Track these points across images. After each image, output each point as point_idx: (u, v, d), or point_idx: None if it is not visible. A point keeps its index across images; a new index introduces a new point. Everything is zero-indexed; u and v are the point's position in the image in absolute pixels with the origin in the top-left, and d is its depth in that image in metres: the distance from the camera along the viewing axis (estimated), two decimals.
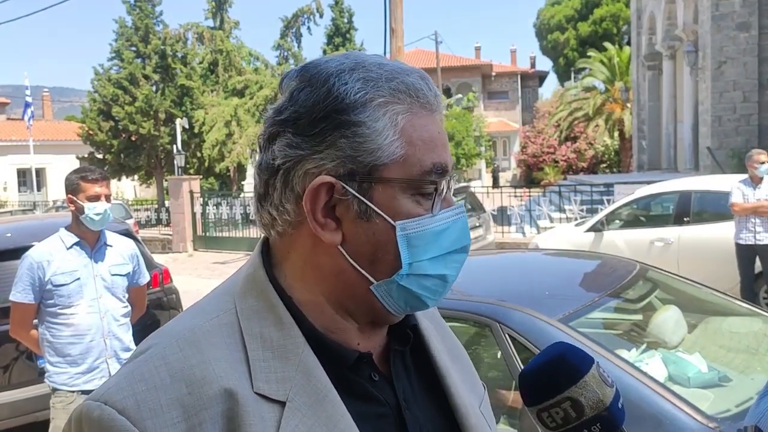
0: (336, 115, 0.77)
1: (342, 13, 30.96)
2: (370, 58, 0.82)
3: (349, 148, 0.77)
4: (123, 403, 0.71)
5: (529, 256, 4.73)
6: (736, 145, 14.32)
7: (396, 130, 0.78)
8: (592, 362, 0.79)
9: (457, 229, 0.82)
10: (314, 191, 0.77)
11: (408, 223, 0.78)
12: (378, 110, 0.77)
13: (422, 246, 0.79)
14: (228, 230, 16.73)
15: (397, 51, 11.37)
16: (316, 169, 0.77)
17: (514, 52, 47.46)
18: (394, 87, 0.79)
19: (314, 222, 0.78)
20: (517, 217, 14.10)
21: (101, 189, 3.11)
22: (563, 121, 30.62)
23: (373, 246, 0.78)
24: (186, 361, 0.74)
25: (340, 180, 0.77)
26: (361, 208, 0.78)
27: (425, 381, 0.90)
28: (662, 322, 3.09)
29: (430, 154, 0.79)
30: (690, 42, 16.11)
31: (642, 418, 2.22)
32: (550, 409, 0.78)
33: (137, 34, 24.43)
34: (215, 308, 0.81)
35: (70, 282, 3.09)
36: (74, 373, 3.10)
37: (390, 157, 0.77)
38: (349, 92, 0.77)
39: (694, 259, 7.38)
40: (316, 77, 0.79)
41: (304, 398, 0.75)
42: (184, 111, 23.91)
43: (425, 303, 0.82)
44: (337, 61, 0.81)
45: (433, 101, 0.82)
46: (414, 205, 0.78)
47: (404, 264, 0.78)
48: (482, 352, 2.98)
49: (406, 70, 0.81)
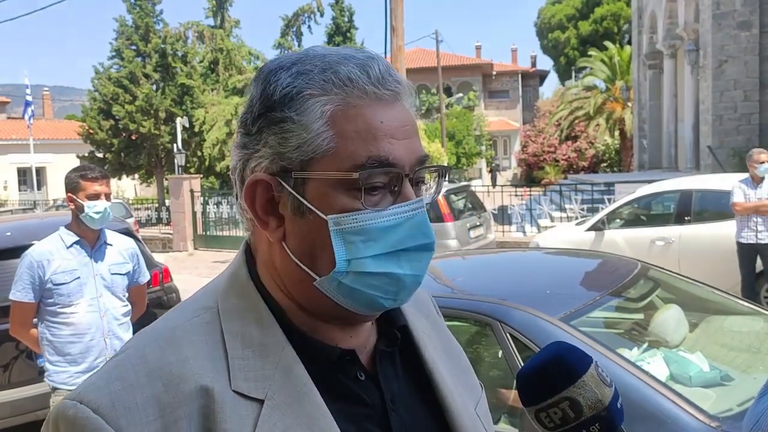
0: (267, 112, 0.77)
1: (342, 11, 30.96)
2: (320, 50, 0.80)
3: (279, 145, 0.76)
4: (97, 402, 0.71)
5: (530, 255, 4.73)
6: (737, 144, 14.31)
7: (323, 122, 0.75)
8: (591, 362, 0.78)
9: (410, 227, 0.77)
10: (249, 188, 0.78)
11: (342, 218, 0.75)
12: (305, 103, 0.76)
13: (362, 242, 0.75)
14: (228, 229, 16.73)
15: (397, 50, 11.36)
16: (258, 168, 0.78)
17: (514, 51, 47.50)
18: (325, 78, 0.76)
19: (257, 219, 0.79)
20: (517, 216, 14.10)
21: (101, 187, 3.11)
22: (564, 120, 30.60)
23: (310, 242, 0.77)
24: (163, 359, 0.74)
25: (274, 176, 0.77)
26: (295, 204, 0.77)
27: (415, 382, 0.88)
28: (663, 321, 3.09)
29: (365, 147, 0.75)
30: (691, 41, 16.10)
31: (643, 417, 2.21)
32: (548, 410, 0.77)
33: (137, 33, 24.42)
34: (197, 307, 0.81)
35: (70, 281, 3.08)
36: (74, 372, 3.10)
37: (316, 150, 0.75)
38: (278, 88, 0.76)
39: (695, 258, 7.37)
40: (258, 76, 0.80)
41: (283, 396, 0.75)
42: (184, 110, 23.90)
43: (379, 302, 0.78)
44: (283, 58, 0.80)
45: (372, 89, 0.76)
46: (350, 200, 0.75)
47: (339, 260, 0.75)
48: (483, 351, 2.97)
49: (347, 58, 0.78)
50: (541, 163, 33.99)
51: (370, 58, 0.79)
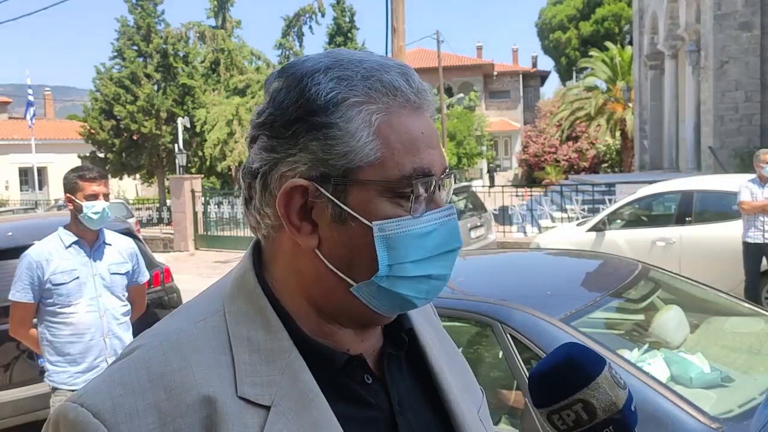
0: (308, 117, 0.75)
1: (344, 12, 30.97)
2: (351, 56, 0.79)
3: (321, 151, 0.75)
4: (99, 406, 0.70)
5: (531, 256, 4.72)
6: (738, 144, 14.30)
7: (371, 131, 0.75)
8: (604, 363, 0.78)
9: (444, 232, 0.79)
10: (286, 194, 0.76)
11: (386, 224, 0.75)
12: (351, 111, 0.75)
13: (404, 248, 0.76)
14: (229, 229, 16.75)
15: (398, 50, 11.35)
16: (291, 172, 0.76)
17: (515, 52, 47.47)
18: (369, 86, 0.75)
19: (289, 225, 0.77)
20: (518, 216, 14.09)
21: (99, 188, 3.11)
22: (565, 120, 30.59)
23: (350, 249, 0.76)
24: (167, 366, 0.73)
25: (313, 182, 0.75)
26: (335, 211, 0.76)
27: (421, 386, 0.88)
28: (664, 322, 3.08)
29: (410, 158, 0.76)
30: (692, 41, 16.09)
31: (644, 418, 2.20)
32: (560, 411, 0.76)
33: (139, 33, 24.42)
34: (204, 310, 0.80)
35: (69, 281, 3.08)
36: (74, 372, 3.10)
37: (364, 159, 0.74)
38: (321, 92, 0.75)
39: (696, 259, 7.37)
40: (291, 78, 0.77)
41: (289, 402, 0.74)
42: (185, 110, 23.90)
43: (413, 303, 0.80)
44: (313, 60, 0.78)
45: (414, 98, 0.78)
46: (393, 207, 0.76)
47: (382, 266, 0.75)
48: (484, 351, 2.97)
49: (386, 66, 0.78)
50: (542, 164, 33.98)
51: (407, 67, 0.80)
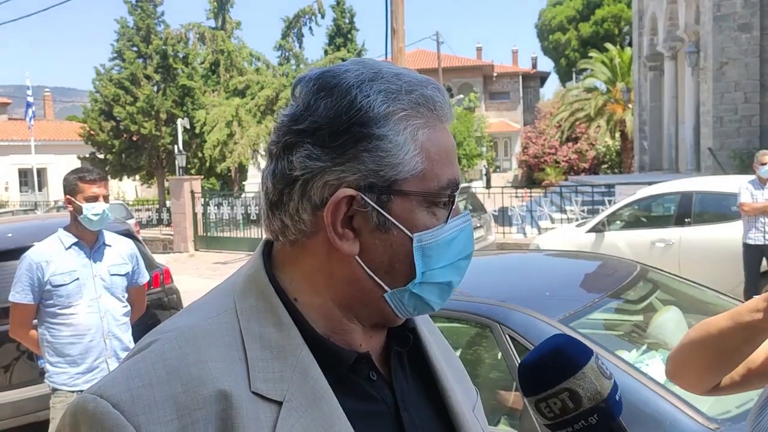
0: (358, 128, 0.76)
1: (343, 13, 30.97)
2: (386, 67, 0.81)
3: (372, 162, 0.77)
4: (118, 398, 0.71)
5: (530, 257, 4.73)
6: (737, 146, 14.32)
7: (417, 145, 0.78)
8: (591, 354, 0.80)
9: (464, 237, 0.84)
10: (336, 204, 0.77)
11: (424, 234, 0.79)
12: (399, 124, 0.78)
13: (435, 255, 0.80)
14: (229, 230, 16.75)
15: (398, 51, 11.36)
16: (337, 181, 0.77)
17: (515, 53, 47.53)
18: (414, 100, 0.79)
19: (333, 233, 0.78)
20: (518, 217, 14.10)
21: (99, 189, 3.11)
22: (565, 121, 30.61)
23: (390, 257, 0.79)
24: (183, 359, 0.74)
25: (360, 192, 0.77)
26: (379, 220, 0.78)
27: (422, 383, 0.91)
28: (663, 323, 3.09)
29: (446, 169, 0.81)
30: (691, 43, 16.11)
31: (642, 419, 2.21)
32: (547, 400, 0.79)
33: (139, 35, 24.43)
34: (216, 307, 0.81)
35: (69, 282, 3.09)
36: (74, 373, 3.10)
37: (410, 171, 0.78)
38: (372, 105, 0.77)
39: (695, 260, 7.38)
40: (337, 87, 0.78)
41: (300, 398, 0.75)
42: (185, 111, 23.90)
43: (432, 307, 0.84)
44: (356, 71, 0.79)
45: (448, 113, 0.83)
46: (429, 217, 0.80)
47: (419, 273, 0.80)
48: (483, 352, 2.98)
49: (423, 81, 0.81)
50: (542, 165, 34.00)
51: (437, 82, 0.84)
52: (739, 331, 1.19)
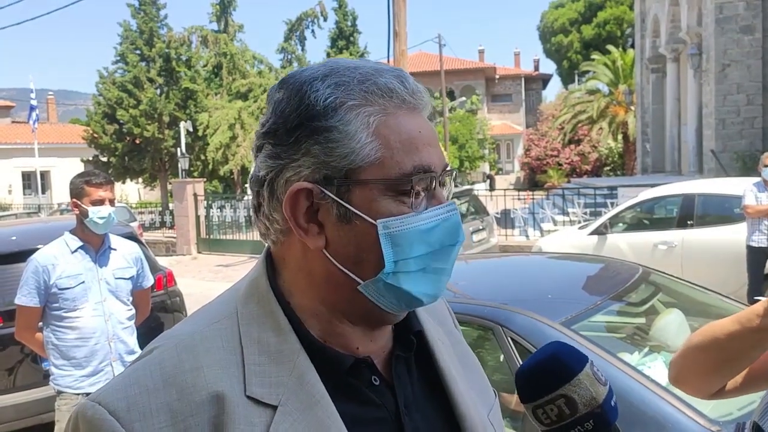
0: (308, 122, 0.78)
1: (346, 16, 31.02)
2: (347, 63, 0.82)
3: (323, 154, 0.77)
4: (114, 405, 0.73)
5: (532, 260, 4.74)
6: (740, 147, 14.30)
7: (369, 132, 0.78)
8: (586, 361, 0.81)
9: (447, 227, 0.81)
10: (292, 198, 0.79)
11: (390, 221, 0.78)
12: (349, 113, 0.78)
13: (408, 244, 0.78)
14: (232, 233, 16.77)
15: (400, 54, 11.38)
16: (296, 177, 0.79)
17: (517, 55, 47.52)
18: (366, 89, 0.79)
19: (297, 228, 0.79)
20: (520, 220, 14.10)
21: (105, 193, 3.13)
22: (567, 123, 30.61)
23: (356, 247, 0.79)
24: (180, 366, 0.76)
25: (317, 185, 0.78)
26: (340, 211, 0.78)
27: (430, 388, 0.90)
28: (665, 326, 3.09)
29: (410, 156, 0.79)
30: (694, 45, 16.10)
31: (644, 421, 2.22)
32: (544, 406, 0.80)
33: (142, 38, 24.50)
34: (218, 313, 0.83)
35: (75, 285, 3.11)
36: (79, 376, 3.12)
37: (364, 159, 0.77)
38: (320, 98, 0.78)
39: (697, 263, 7.36)
40: (291, 86, 0.80)
41: (296, 403, 0.76)
42: (188, 114, 23.95)
43: (419, 300, 0.82)
44: (312, 70, 0.81)
45: (410, 99, 0.81)
46: (396, 205, 0.78)
47: (388, 262, 0.78)
48: (485, 355, 2.98)
49: (381, 70, 0.81)
50: (544, 167, 33.97)
51: (401, 71, 0.83)
52: (747, 334, 1.18)
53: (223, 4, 28.47)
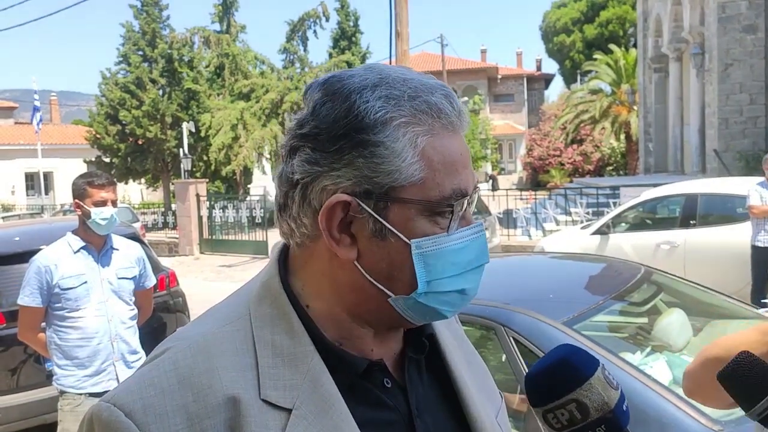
0: (355, 134, 0.76)
1: (348, 16, 30.99)
2: (395, 72, 0.80)
3: (367, 168, 0.76)
4: (131, 406, 0.73)
5: (534, 259, 4.74)
6: (743, 147, 14.28)
7: (416, 152, 0.76)
8: (598, 365, 0.80)
9: (475, 248, 0.82)
10: (330, 209, 0.77)
11: (423, 241, 0.77)
12: (398, 131, 0.76)
13: (440, 264, 0.78)
14: (234, 233, 16.78)
15: (402, 54, 11.38)
16: (333, 186, 0.77)
17: (519, 55, 47.47)
18: (416, 106, 0.77)
19: (329, 238, 0.78)
20: (522, 220, 14.09)
21: (108, 194, 3.14)
22: (569, 123, 30.57)
23: (389, 264, 0.78)
24: (195, 368, 0.76)
25: (356, 198, 0.77)
26: (376, 227, 0.77)
27: (441, 390, 0.90)
28: (667, 326, 3.09)
29: (450, 179, 0.78)
30: (696, 44, 16.08)
31: (646, 421, 2.22)
32: (555, 411, 0.79)
33: (144, 39, 24.51)
34: (231, 314, 0.82)
35: (78, 286, 3.11)
36: (82, 376, 3.12)
37: (408, 179, 0.76)
38: (370, 111, 0.76)
39: (700, 262, 7.35)
40: (338, 92, 0.78)
41: (310, 407, 0.76)
42: (190, 115, 23.96)
43: (443, 315, 0.82)
44: (360, 76, 0.79)
45: (456, 121, 0.80)
46: (431, 225, 0.78)
47: (421, 282, 0.78)
48: (487, 355, 2.98)
49: (431, 87, 0.80)
50: (547, 167, 33.95)
51: (449, 89, 0.82)
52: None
53: (226, 4, 28.48)
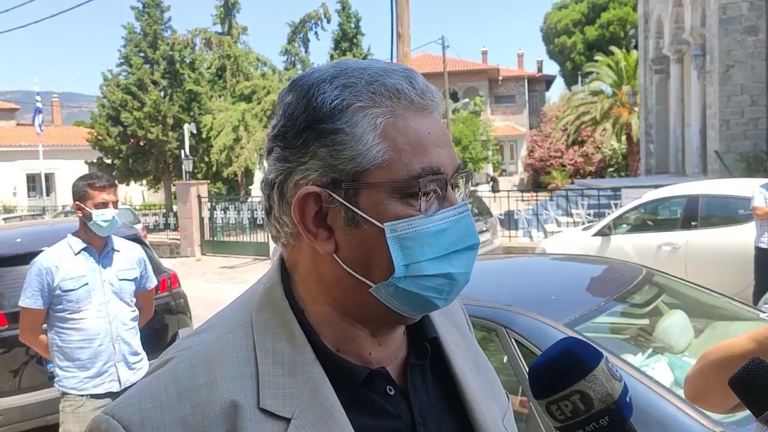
0: (315, 125, 0.77)
1: (349, 18, 31.03)
2: (356, 64, 0.80)
3: (330, 157, 0.76)
4: (129, 419, 0.73)
5: (536, 261, 4.74)
6: (744, 148, 14.28)
7: (376, 135, 0.76)
8: (601, 357, 0.80)
9: (459, 229, 0.79)
10: (300, 202, 0.78)
11: (398, 224, 0.76)
12: (356, 115, 0.76)
13: (419, 247, 0.77)
14: (235, 235, 16.80)
15: (403, 56, 11.39)
16: (304, 180, 0.78)
17: (521, 56, 47.47)
18: (373, 90, 0.77)
19: (306, 232, 0.78)
20: (524, 221, 14.09)
21: (109, 196, 3.14)
22: (570, 125, 30.57)
23: (366, 251, 0.77)
24: (195, 380, 0.76)
25: (325, 188, 0.77)
26: (348, 215, 0.77)
27: (445, 395, 0.89)
28: (668, 327, 3.09)
29: (419, 158, 0.77)
30: (697, 46, 16.08)
31: (648, 422, 2.22)
32: (559, 402, 0.79)
33: (146, 40, 24.55)
34: (233, 322, 0.82)
35: (79, 287, 3.12)
36: (83, 377, 3.13)
37: (372, 162, 0.76)
38: (327, 100, 0.76)
39: (701, 264, 7.35)
40: (299, 89, 0.79)
41: (309, 416, 0.76)
42: (192, 116, 23.98)
43: (433, 303, 0.80)
44: (321, 71, 0.80)
45: (419, 100, 0.79)
46: (404, 207, 0.76)
47: (398, 266, 0.76)
48: (489, 356, 2.96)
49: (390, 70, 0.79)
50: (548, 168, 33.94)
51: (411, 71, 0.81)
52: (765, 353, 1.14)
53: (227, 6, 28.52)
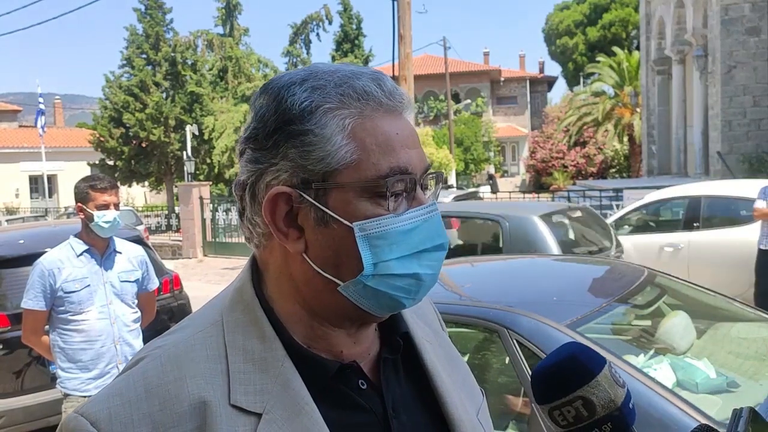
0: (285, 126, 0.78)
1: (351, 19, 31.05)
2: (326, 67, 0.82)
3: (300, 157, 0.78)
4: (96, 416, 0.74)
5: (538, 262, 4.73)
6: (746, 149, 14.26)
7: (345, 135, 0.78)
8: (604, 362, 0.80)
9: (428, 228, 0.81)
10: (270, 202, 0.79)
11: (366, 223, 0.77)
12: (324, 117, 0.78)
13: (387, 246, 0.78)
14: (237, 236, 16.78)
15: (405, 57, 11.40)
16: (275, 181, 0.79)
17: (522, 57, 47.47)
18: (342, 92, 0.79)
19: (277, 232, 0.80)
20: None
21: (110, 198, 3.15)
22: (572, 126, 30.56)
23: (335, 250, 0.79)
24: (164, 377, 0.77)
25: (295, 189, 0.78)
26: (318, 215, 0.78)
27: (418, 389, 0.90)
28: (671, 328, 3.09)
29: (387, 158, 0.78)
30: (699, 46, 16.07)
31: (650, 423, 2.22)
32: (561, 408, 0.79)
33: (148, 42, 24.61)
34: (204, 321, 0.83)
35: (81, 289, 3.12)
36: (85, 379, 3.13)
37: (340, 162, 0.77)
38: (296, 102, 0.78)
39: (704, 265, 7.34)
40: (270, 92, 0.81)
41: (280, 411, 0.76)
42: (194, 117, 24.02)
43: (401, 302, 0.81)
44: (291, 74, 0.82)
45: (387, 101, 0.81)
46: (373, 207, 0.78)
47: (366, 264, 0.77)
48: (490, 357, 2.98)
49: (358, 73, 0.81)
50: (550, 169, 33.93)
51: (379, 73, 0.83)
52: None
53: (229, 7, 28.55)
